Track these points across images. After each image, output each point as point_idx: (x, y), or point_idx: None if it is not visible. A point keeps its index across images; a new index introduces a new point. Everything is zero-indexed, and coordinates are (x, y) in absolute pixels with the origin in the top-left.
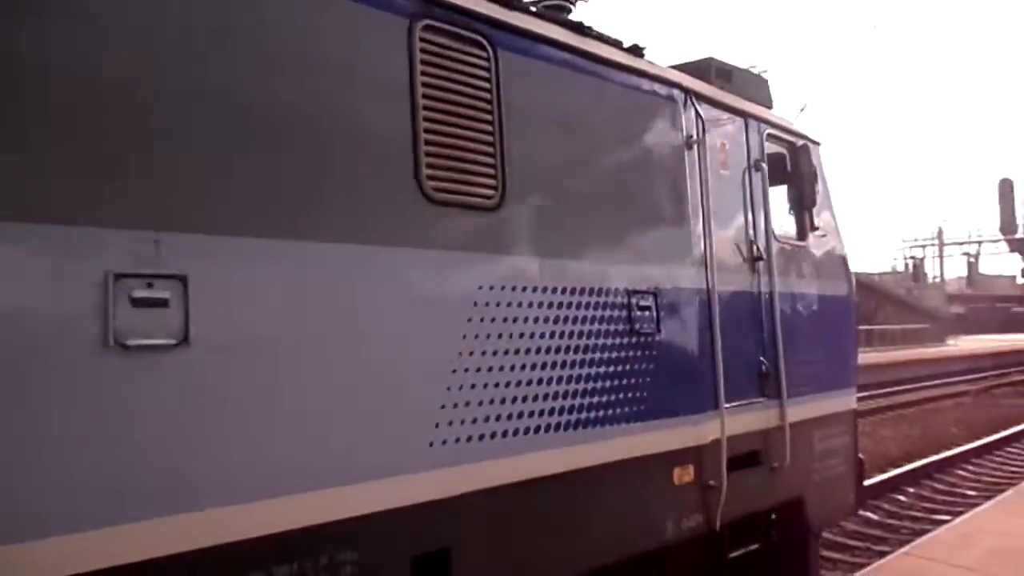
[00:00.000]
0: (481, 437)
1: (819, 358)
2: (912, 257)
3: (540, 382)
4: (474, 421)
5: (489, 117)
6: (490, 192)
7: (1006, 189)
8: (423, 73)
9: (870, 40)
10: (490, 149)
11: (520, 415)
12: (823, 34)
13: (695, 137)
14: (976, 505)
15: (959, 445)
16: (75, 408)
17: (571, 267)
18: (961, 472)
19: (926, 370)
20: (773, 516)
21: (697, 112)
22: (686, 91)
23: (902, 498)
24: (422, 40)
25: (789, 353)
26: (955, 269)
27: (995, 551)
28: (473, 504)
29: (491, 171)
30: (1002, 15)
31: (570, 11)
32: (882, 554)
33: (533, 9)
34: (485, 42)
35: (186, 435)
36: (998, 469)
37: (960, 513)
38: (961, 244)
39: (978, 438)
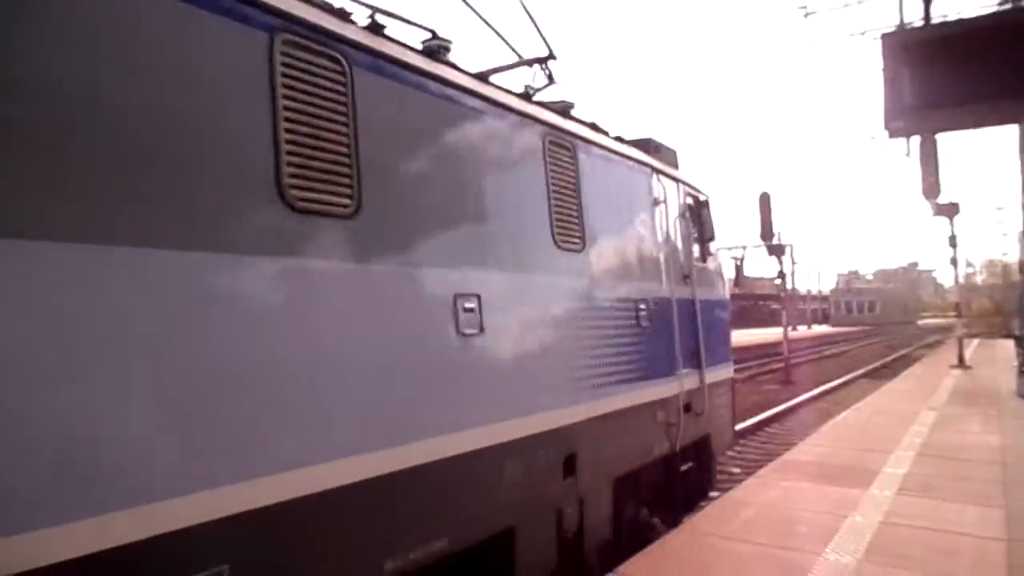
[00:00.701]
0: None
1: (716, 342)
2: None
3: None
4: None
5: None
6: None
7: (764, 201)
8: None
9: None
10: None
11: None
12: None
13: (660, 198)
14: (740, 481)
15: None
16: (453, 364)
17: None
18: (729, 452)
19: None
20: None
21: (660, 181)
22: (653, 168)
23: None
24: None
25: (705, 338)
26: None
27: (752, 519)
28: (586, 425)
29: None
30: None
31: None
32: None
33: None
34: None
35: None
36: (759, 448)
37: (727, 489)
38: (730, 248)
39: (743, 420)
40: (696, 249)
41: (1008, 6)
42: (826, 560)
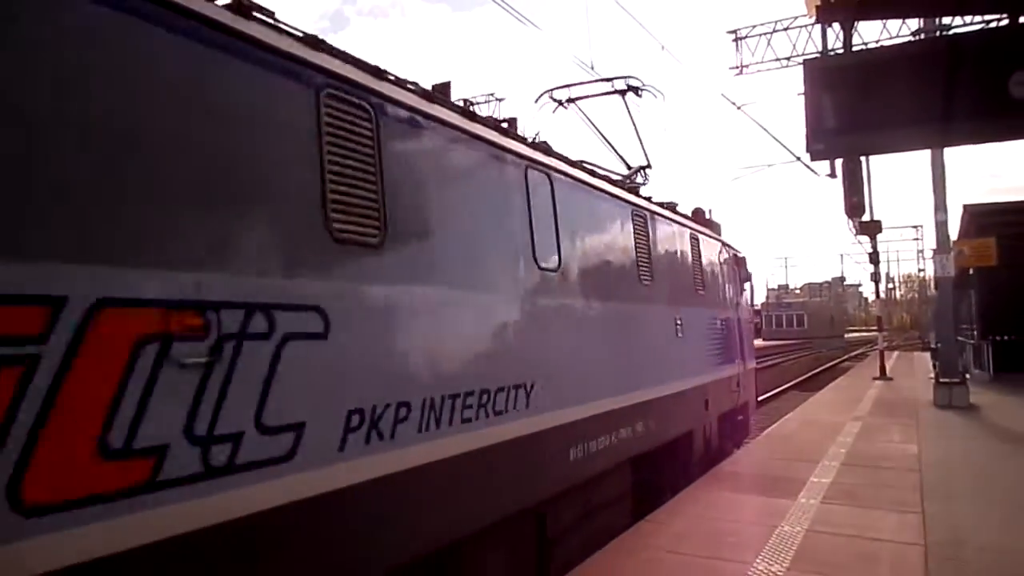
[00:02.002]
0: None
1: (749, 346)
2: None
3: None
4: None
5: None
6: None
7: (699, 216)
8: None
9: None
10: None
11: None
12: None
13: (724, 258)
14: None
15: None
16: (685, 348)
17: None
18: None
19: None
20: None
21: (721, 247)
22: (720, 241)
23: None
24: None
25: (744, 343)
26: None
27: (683, 532)
28: (712, 384)
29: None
30: None
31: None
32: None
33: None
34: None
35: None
36: None
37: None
38: None
39: None
40: (739, 287)
41: (922, 36)
42: (755, 570)
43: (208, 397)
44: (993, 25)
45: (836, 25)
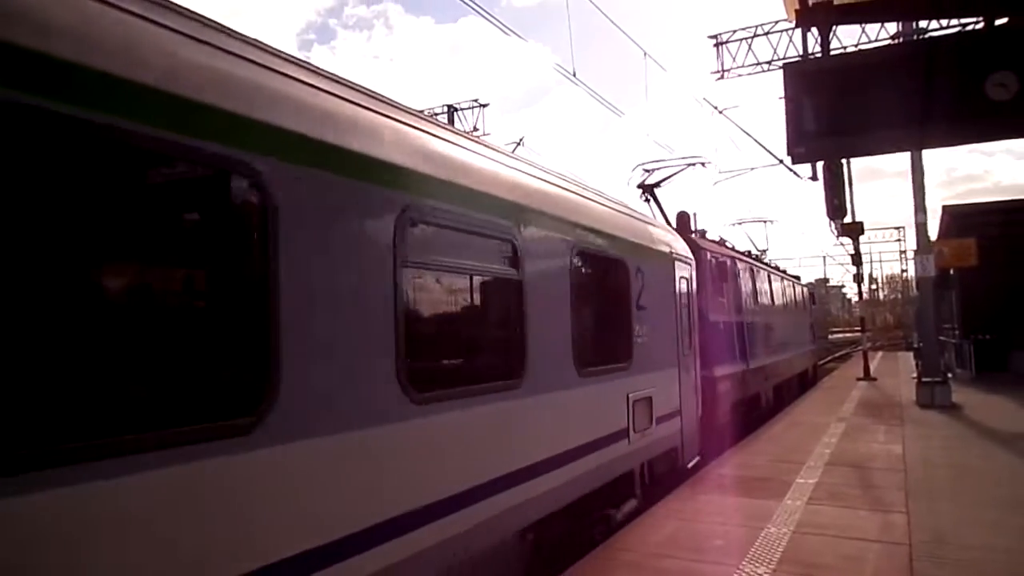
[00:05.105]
0: None
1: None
2: None
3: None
4: None
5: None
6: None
7: (683, 220)
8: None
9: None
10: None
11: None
12: None
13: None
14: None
15: None
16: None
17: None
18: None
19: None
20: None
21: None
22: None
23: None
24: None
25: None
26: None
27: (672, 534)
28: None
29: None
30: None
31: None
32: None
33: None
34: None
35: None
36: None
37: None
38: None
39: None
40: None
41: (900, 40)
42: (742, 572)
43: None
44: (969, 28)
45: (815, 29)
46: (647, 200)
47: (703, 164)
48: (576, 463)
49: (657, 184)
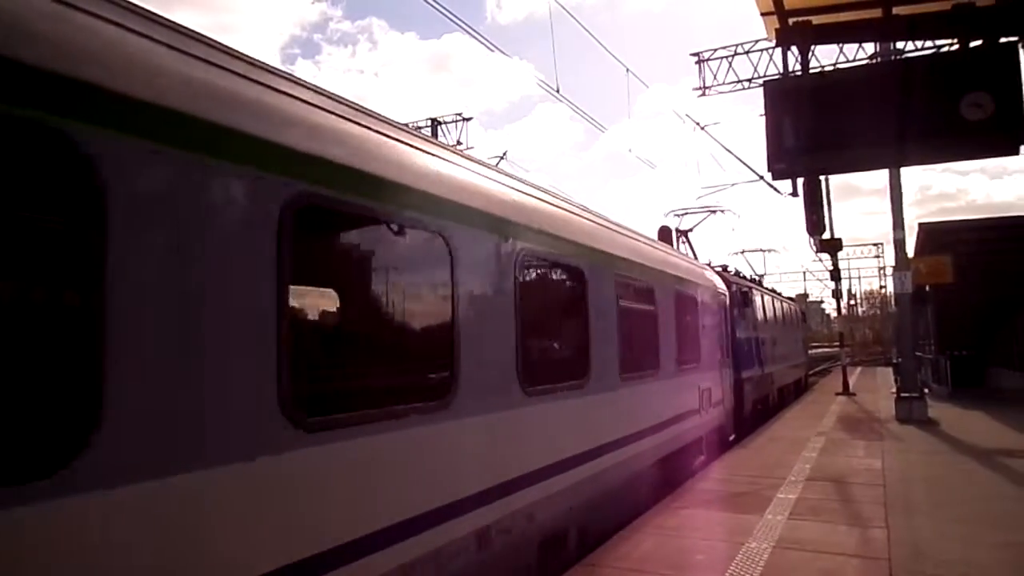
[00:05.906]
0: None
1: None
2: None
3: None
4: None
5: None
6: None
7: (665, 234)
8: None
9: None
10: None
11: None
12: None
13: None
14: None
15: None
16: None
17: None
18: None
19: None
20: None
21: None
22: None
23: None
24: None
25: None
26: None
27: (652, 550)
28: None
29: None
30: None
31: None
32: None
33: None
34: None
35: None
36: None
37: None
38: None
39: None
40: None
41: (878, 60)
42: None
43: None
44: (945, 50)
45: (795, 48)
46: (682, 241)
47: (722, 211)
48: (677, 425)
49: (690, 229)
